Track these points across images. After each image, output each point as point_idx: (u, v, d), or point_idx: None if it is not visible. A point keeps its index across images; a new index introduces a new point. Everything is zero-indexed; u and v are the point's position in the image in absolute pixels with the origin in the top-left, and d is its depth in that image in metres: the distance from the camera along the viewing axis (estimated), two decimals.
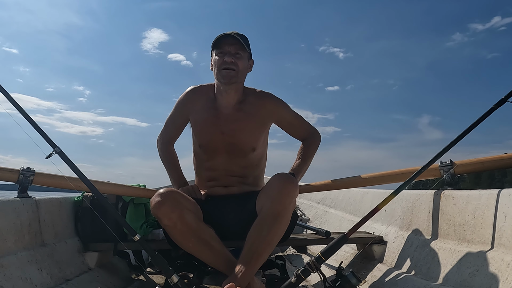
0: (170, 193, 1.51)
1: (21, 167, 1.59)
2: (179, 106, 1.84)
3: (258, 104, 1.75)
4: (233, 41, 1.66)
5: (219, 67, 1.66)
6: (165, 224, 1.49)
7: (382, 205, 1.37)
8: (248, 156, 1.74)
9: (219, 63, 1.66)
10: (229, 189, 1.75)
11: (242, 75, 1.71)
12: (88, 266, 1.74)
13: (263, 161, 1.86)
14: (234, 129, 1.72)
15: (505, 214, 1.13)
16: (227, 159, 1.73)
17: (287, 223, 1.49)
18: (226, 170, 1.75)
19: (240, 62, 1.67)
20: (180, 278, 1.34)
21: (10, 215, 1.38)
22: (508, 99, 1.33)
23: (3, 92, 1.40)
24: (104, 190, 1.76)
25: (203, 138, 1.76)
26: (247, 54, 1.71)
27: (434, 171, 1.60)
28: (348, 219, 2.34)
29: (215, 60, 1.68)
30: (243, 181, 1.77)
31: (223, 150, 1.73)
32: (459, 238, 1.32)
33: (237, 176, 1.76)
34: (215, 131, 1.72)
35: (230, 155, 1.73)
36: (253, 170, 1.80)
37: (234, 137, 1.72)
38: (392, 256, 1.66)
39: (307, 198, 3.39)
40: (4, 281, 1.20)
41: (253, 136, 1.74)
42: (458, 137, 1.39)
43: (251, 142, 1.73)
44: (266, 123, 1.78)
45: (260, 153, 1.81)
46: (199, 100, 1.78)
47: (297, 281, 1.34)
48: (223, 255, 1.48)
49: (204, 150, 1.76)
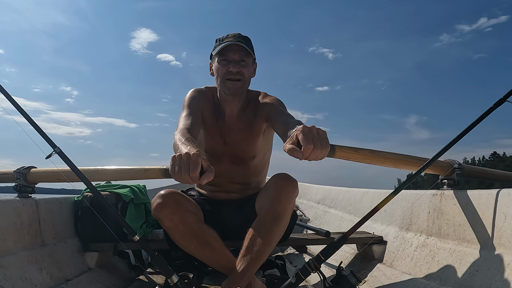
0: (171, 194, 1.49)
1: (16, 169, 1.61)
2: (192, 100, 1.67)
3: (257, 110, 1.69)
4: (238, 48, 1.57)
5: (222, 77, 1.58)
6: (166, 226, 1.48)
7: (382, 205, 1.37)
8: (249, 163, 1.73)
9: (223, 72, 1.57)
10: (230, 195, 1.76)
11: (247, 84, 1.65)
12: (88, 266, 1.74)
13: (265, 167, 1.86)
14: (235, 139, 1.70)
15: (505, 214, 1.13)
16: (229, 168, 1.72)
17: (286, 223, 1.49)
18: (229, 178, 1.74)
19: (246, 71, 1.59)
20: (180, 278, 1.34)
21: (10, 215, 1.38)
22: (507, 99, 1.33)
23: (3, 92, 1.40)
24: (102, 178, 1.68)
25: (208, 144, 1.73)
26: (252, 58, 1.63)
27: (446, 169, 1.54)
28: (348, 219, 2.34)
29: (217, 68, 1.60)
30: (245, 188, 1.77)
31: (226, 159, 1.72)
32: (459, 238, 1.32)
33: (239, 183, 1.76)
34: (219, 140, 1.70)
35: (232, 163, 1.72)
36: (256, 177, 1.81)
37: (235, 148, 1.70)
38: (392, 256, 1.66)
39: (307, 198, 3.39)
40: (4, 281, 1.20)
41: (252, 145, 1.71)
42: (458, 137, 1.39)
43: (251, 151, 1.72)
44: (261, 127, 1.70)
45: (262, 159, 1.79)
46: (206, 102, 1.72)
47: (297, 281, 1.34)
48: (225, 256, 1.47)
49: (209, 156, 1.72)
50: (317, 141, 1.06)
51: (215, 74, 1.63)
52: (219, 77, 1.60)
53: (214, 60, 1.63)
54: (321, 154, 1.08)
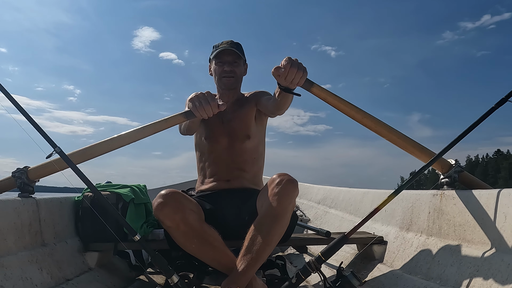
0: (172, 194, 1.51)
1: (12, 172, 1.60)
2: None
3: (249, 98, 1.97)
4: (230, 52, 1.88)
5: (219, 75, 1.90)
6: (167, 225, 1.48)
7: (382, 205, 1.37)
8: (245, 143, 1.88)
9: (219, 71, 1.90)
10: (230, 183, 1.84)
11: (239, 80, 1.96)
12: (88, 266, 1.74)
13: (261, 158, 1.97)
14: (231, 118, 1.91)
15: (505, 214, 1.13)
16: (227, 147, 1.87)
17: (287, 223, 1.50)
18: (227, 160, 1.86)
19: (237, 69, 1.92)
20: (180, 278, 1.34)
21: (10, 215, 1.38)
22: (508, 98, 1.33)
23: (3, 92, 1.40)
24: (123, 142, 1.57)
25: (207, 128, 1.91)
26: (242, 60, 1.95)
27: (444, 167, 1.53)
28: (348, 219, 2.34)
29: (214, 69, 1.92)
30: (243, 175, 1.87)
31: (224, 136, 1.88)
32: (459, 238, 1.32)
33: (237, 168, 1.86)
34: (217, 120, 1.88)
35: (229, 140, 1.88)
36: (252, 165, 1.90)
37: (231, 126, 1.90)
38: (392, 256, 1.66)
39: (307, 198, 3.39)
40: (4, 281, 1.20)
41: (245, 123, 1.90)
42: (459, 137, 1.39)
43: (245, 129, 1.90)
44: (252, 109, 1.93)
45: (255, 145, 1.93)
46: None
47: (297, 281, 1.34)
48: (226, 255, 1.48)
49: (208, 141, 1.90)
50: (296, 65, 1.36)
51: (213, 74, 1.95)
52: (217, 76, 1.92)
53: (212, 63, 1.95)
54: (298, 75, 1.37)
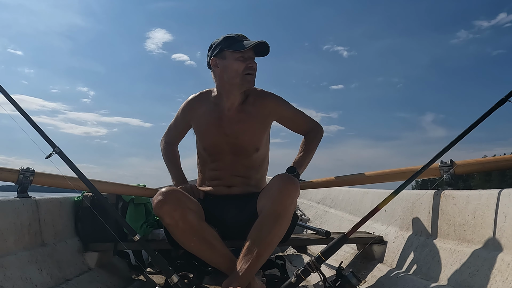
0: (172, 192, 1.51)
1: (20, 167, 1.59)
2: (181, 114, 1.90)
3: (259, 104, 1.76)
4: (264, 47, 1.67)
5: (242, 71, 1.67)
6: (167, 223, 1.49)
7: (382, 205, 1.37)
8: (252, 156, 1.76)
9: (243, 67, 1.66)
10: (231, 189, 1.76)
11: None
12: (88, 266, 1.74)
13: (266, 162, 1.88)
14: (237, 130, 1.74)
15: (505, 214, 1.13)
16: (231, 160, 1.75)
17: (288, 223, 1.50)
18: (230, 171, 1.76)
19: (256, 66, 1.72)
20: (180, 278, 1.34)
21: (10, 215, 1.38)
22: (508, 98, 1.32)
23: (3, 93, 1.40)
24: (104, 189, 1.76)
25: (207, 141, 1.78)
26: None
27: (434, 171, 1.60)
28: (348, 219, 2.34)
29: (230, 64, 1.67)
30: (247, 182, 1.78)
31: (228, 151, 1.75)
32: (459, 238, 1.32)
33: (241, 176, 1.77)
34: (219, 133, 1.74)
35: (234, 156, 1.75)
36: (257, 172, 1.82)
37: (237, 138, 1.74)
38: (392, 256, 1.66)
39: (307, 198, 3.39)
40: (4, 281, 1.20)
41: (256, 136, 1.76)
42: (459, 137, 1.39)
43: (254, 142, 1.76)
44: (268, 122, 1.80)
45: (263, 154, 1.82)
46: (200, 106, 1.82)
47: (297, 281, 1.34)
48: (225, 254, 1.48)
49: (209, 153, 1.79)
50: None
51: (227, 69, 1.68)
52: (238, 72, 1.67)
53: (225, 57, 1.68)
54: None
